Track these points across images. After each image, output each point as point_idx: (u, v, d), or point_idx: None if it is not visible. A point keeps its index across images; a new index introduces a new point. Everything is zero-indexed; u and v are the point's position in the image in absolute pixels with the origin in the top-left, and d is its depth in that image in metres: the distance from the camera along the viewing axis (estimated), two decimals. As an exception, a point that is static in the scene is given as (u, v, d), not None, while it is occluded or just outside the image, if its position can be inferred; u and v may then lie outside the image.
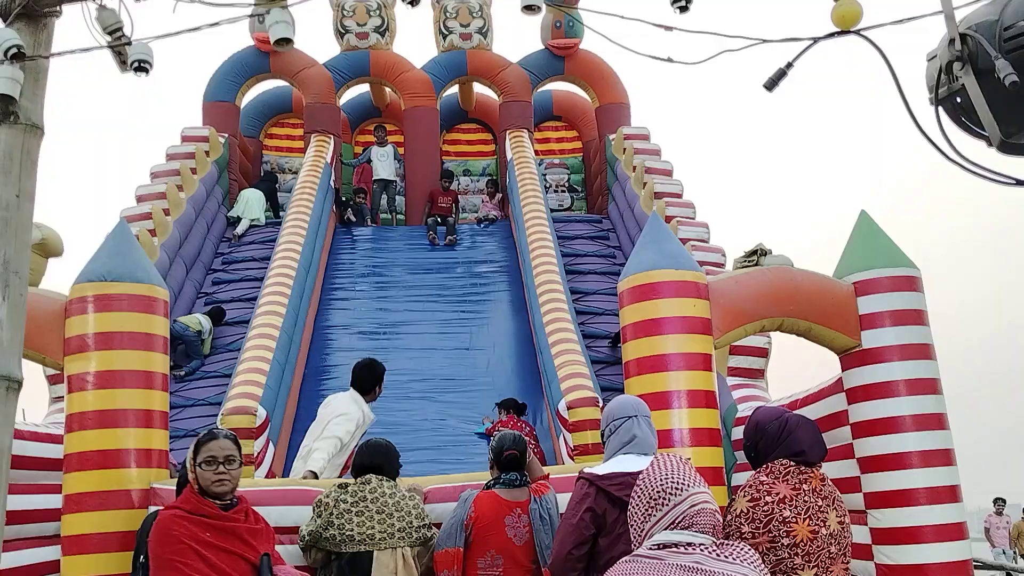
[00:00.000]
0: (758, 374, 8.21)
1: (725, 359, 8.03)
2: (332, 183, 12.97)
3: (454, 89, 15.41)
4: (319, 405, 9.19)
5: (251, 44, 13.72)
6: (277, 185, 14.09)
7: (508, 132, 13.90)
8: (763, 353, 8.21)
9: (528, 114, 14.29)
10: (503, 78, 14.25)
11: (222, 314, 10.56)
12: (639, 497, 2.63)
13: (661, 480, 2.60)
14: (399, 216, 13.95)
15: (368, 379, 6.23)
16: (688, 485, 2.57)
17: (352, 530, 4.32)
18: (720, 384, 7.91)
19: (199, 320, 10.06)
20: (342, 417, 5.95)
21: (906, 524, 5.16)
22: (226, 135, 13.32)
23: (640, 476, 2.68)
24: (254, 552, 3.48)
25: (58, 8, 3.06)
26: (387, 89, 15.12)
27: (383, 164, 13.64)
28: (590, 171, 14.98)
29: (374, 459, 4.59)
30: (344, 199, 13.54)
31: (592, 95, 14.60)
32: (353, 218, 13.26)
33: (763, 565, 2.62)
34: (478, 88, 15.46)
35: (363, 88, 15.45)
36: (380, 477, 4.49)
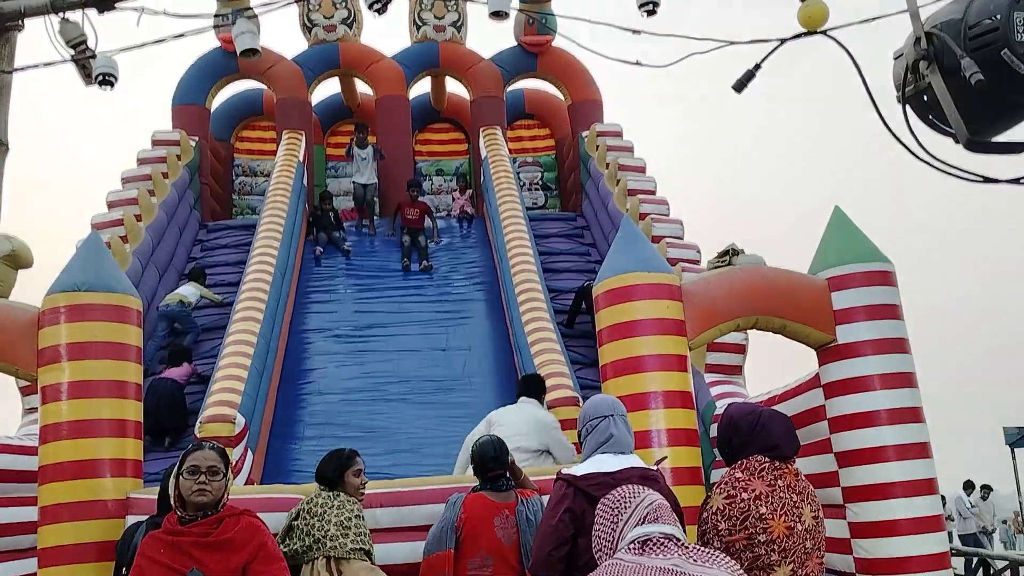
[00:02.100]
0: (736, 370, 8.26)
1: (703, 356, 8.07)
2: (304, 182, 12.86)
3: (426, 88, 15.36)
4: (298, 409, 9.23)
5: (217, 46, 13.60)
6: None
7: (482, 130, 13.85)
8: (740, 350, 8.26)
9: (501, 111, 14.24)
10: (475, 73, 14.21)
11: (202, 273, 10.94)
12: (604, 514, 2.75)
13: (617, 493, 2.76)
14: (375, 219, 13.59)
15: (538, 388, 6.86)
16: (638, 491, 2.74)
17: (296, 545, 4.29)
18: (698, 381, 7.95)
19: (181, 295, 10.28)
20: (557, 430, 6.42)
21: (884, 517, 5.21)
22: (197, 138, 13.18)
23: (598, 504, 2.80)
24: (195, 564, 3.42)
25: (20, 22, 3.00)
26: (358, 89, 15.06)
27: (362, 167, 13.12)
28: (563, 168, 14.99)
29: (320, 469, 4.58)
30: (310, 220, 12.85)
31: (565, 92, 14.59)
32: (321, 249, 12.31)
33: (740, 569, 2.66)
34: (450, 87, 15.42)
35: (334, 89, 15.37)
36: (322, 489, 4.48)
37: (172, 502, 3.53)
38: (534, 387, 6.77)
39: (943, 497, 17.40)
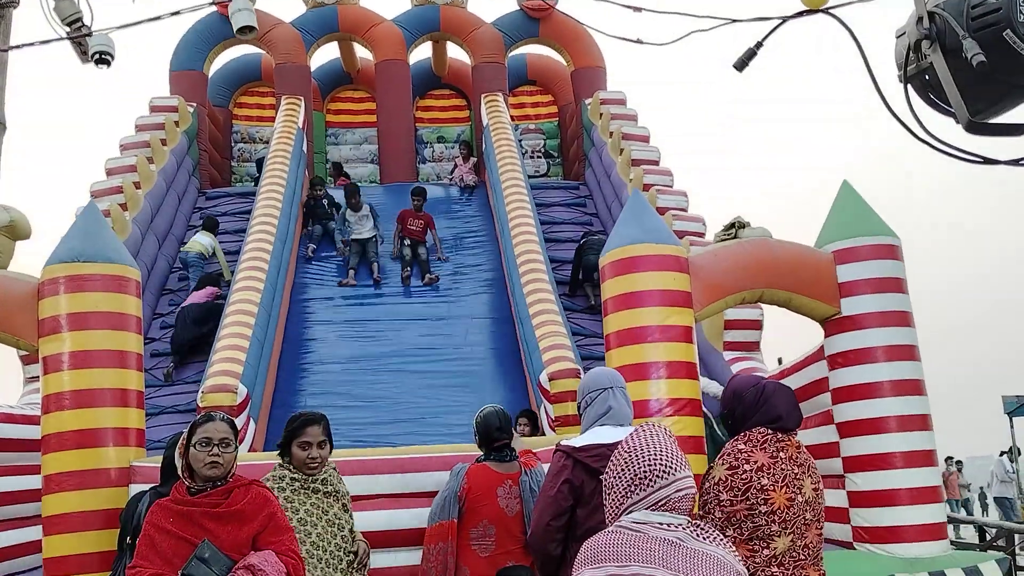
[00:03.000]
0: (753, 346, 8.36)
1: (720, 335, 8.15)
2: (304, 149, 12.73)
3: (427, 54, 15.22)
4: (300, 379, 9.28)
5: (214, 10, 13.42)
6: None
7: (484, 96, 13.71)
8: (757, 326, 8.35)
9: (502, 76, 14.09)
10: (476, 38, 14.04)
11: (216, 223, 11.16)
12: (622, 470, 2.58)
13: (648, 459, 2.55)
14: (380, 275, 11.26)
15: None
16: (675, 469, 2.54)
17: None
18: (717, 359, 8.02)
19: (201, 244, 10.65)
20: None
21: (883, 487, 5.26)
22: (195, 104, 13.07)
23: (622, 447, 2.64)
24: (205, 535, 3.42)
25: (15, -1, 2.97)
26: (358, 55, 14.92)
27: (361, 226, 11.32)
28: (566, 136, 14.87)
29: None
30: (304, 210, 11.80)
31: (567, 58, 14.43)
32: (314, 247, 11.45)
33: (741, 537, 2.66)
34: (451, 52, 15.28)
35: (333, 54, 15.24)
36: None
37: (180, 472, 3.52)
38: None
39: (961, 462, 17.74)
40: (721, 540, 2.54)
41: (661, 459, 2.54)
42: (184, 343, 9.42)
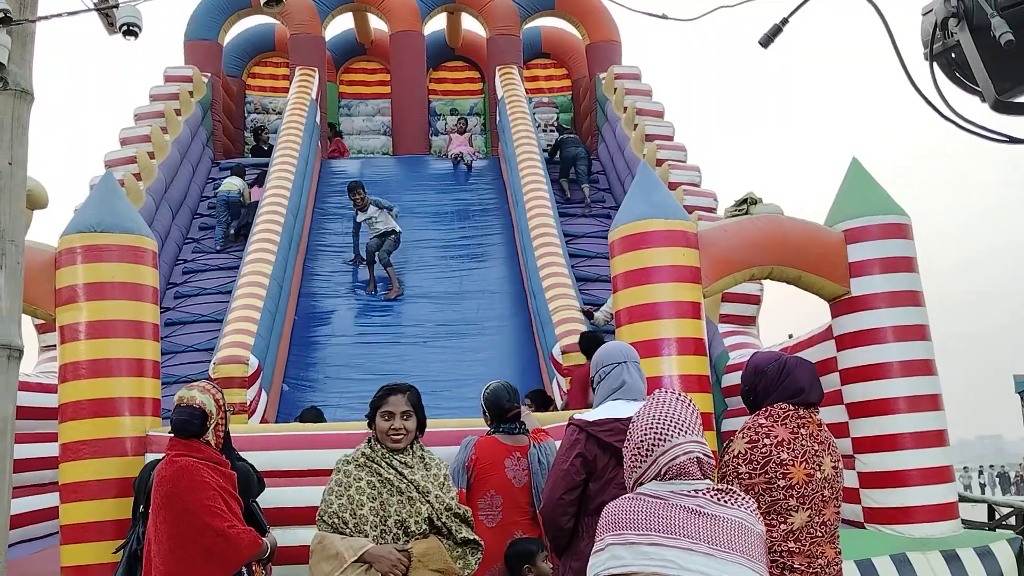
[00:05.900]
0: (750, 321, 8.29)
1: (717, 306, 8.08)
2: (317, 120, 12.68)
3: (440, 25, 15.12)
4: (312, 352, 9.32)
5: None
6: None
7: (498, 68, 13.63)
8: (755, 300, 8.27)
9: (517, 49, 13.99)
10: (491, 9, 13.93)
11: (244, 171, 11.76)
12: (627, 445, 2.68)
13: (643, 430, 2.63)
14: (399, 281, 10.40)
15: None
16: (672, 435, 2.60)
17: None
18: (712, 331, 7.97)
19: (237, 185, 11.36)
20: None
21: (893, 468, 5.26)
22: (209, 74, 13.06)
23: (632, 420, 2.71)
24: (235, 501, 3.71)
25: (43, -31, 2.99)
26: (372, 26, 14.84)
27: (380, 219, 10.26)
28: (580, 110, 14.79)
29: None
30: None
31: (582, 31, 14.31)
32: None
33: (758, 511, 2.68)
34: (466, 24, 15.18)
35: (347, 25, 15.16)
36: None
37: (223, 434, 3.78)
38: None
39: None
40: (743, 501, 2.55)
41: (656, 428, 2.60)
42: None
